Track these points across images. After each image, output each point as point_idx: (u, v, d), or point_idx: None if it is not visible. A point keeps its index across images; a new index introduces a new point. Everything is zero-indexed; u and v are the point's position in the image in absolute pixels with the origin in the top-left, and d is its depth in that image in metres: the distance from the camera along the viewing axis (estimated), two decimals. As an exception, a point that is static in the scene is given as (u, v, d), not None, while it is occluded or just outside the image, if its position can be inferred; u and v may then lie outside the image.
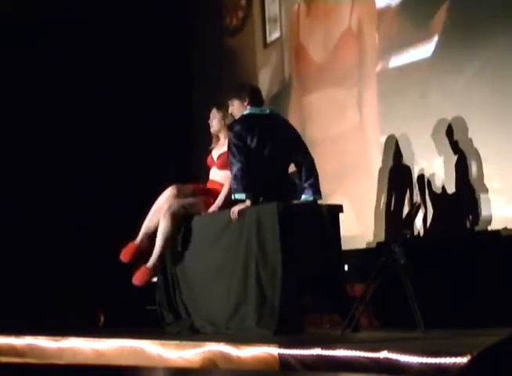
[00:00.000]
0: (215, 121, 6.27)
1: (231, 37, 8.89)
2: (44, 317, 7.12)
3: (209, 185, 6.27)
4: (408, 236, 5.41)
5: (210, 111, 6.32)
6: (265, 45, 8.45)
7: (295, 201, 5.80)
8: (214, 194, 6.16)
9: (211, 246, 5.94)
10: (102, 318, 7.40)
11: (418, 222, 6.37)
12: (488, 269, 5.76)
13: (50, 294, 7.65)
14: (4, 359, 5.83)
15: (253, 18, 8.60)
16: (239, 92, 5.99)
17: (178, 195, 6.13)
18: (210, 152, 6.38)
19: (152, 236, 6.10)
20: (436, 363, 3.60)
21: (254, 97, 5.95)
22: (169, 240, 6.06)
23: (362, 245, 6.91)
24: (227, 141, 5.98)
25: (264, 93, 6.75)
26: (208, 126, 6.34)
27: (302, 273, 5.51)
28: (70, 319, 7.15)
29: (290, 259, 5.47)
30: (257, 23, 8.52)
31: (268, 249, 5.54)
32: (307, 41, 8.00)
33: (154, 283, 6.49)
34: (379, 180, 7.01)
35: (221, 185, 6.16)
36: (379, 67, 7.25)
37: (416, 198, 6.59)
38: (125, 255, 6.06)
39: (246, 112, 5.90)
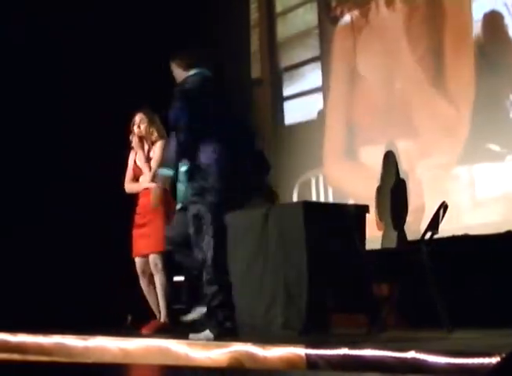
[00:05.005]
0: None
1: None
2: (71, 316, 7.16)
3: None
4: (434, 235, 5.39)
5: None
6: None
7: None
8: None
9: (237, 246, 5.94)
10: (129, 317, 7.42)
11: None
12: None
13: (78, 293, 7.69)
14: (31, 358, 5.87)
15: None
16: None
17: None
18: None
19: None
20: (464, 364, 3.59)
21: None
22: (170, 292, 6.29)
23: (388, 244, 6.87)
24: None
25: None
26: None
27: (328, 273, 5.50)
28: (98, 319, 7.18)
29: (316, 259, 5.47)
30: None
31: (294, 249, 5.53)
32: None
33: (180, 282, 6.53)
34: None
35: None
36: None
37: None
38: (147, 330, 6.24)
39: None
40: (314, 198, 7.99)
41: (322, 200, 7.94)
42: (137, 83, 8.21)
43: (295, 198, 8.14)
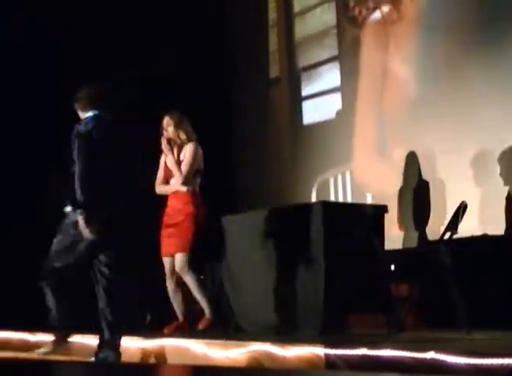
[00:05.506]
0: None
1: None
2: (89, 316, 7.16)
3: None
4: (454, 235, 5.37)
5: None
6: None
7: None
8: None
9: (256, 246, 5.95)
10: (148, 317, 7.43)
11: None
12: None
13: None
14: (50, 357, 5.89)
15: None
16: None
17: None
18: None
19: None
20: (483, 365, 3.58)
21: None
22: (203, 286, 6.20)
23: (408, 244, 6.86)
24: None
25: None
26: None
27: (346, 273, 5.50)
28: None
29: (334, 259, 5.47)
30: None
31: (312, 249, 5.53)
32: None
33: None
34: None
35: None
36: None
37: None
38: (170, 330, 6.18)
39: None
40: (332, 198, 7.99)
41: (340, 199, 7.93)
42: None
43: (314, 198, 8.14)
